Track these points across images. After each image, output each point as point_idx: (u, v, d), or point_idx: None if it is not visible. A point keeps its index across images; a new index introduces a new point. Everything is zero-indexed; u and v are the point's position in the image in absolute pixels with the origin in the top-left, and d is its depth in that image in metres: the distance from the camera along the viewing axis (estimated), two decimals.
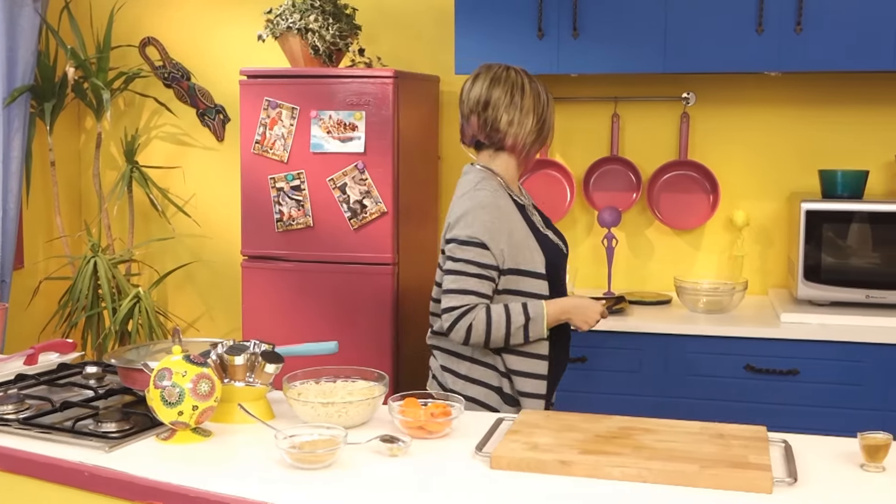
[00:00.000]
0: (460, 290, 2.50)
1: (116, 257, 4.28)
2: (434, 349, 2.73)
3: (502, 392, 2.60)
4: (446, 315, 2.51)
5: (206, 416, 2.08)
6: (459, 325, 2.48)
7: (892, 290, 3.35)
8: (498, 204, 2.57)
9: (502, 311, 2.49)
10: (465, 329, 2.48)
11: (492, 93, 2.65)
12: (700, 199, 3.86)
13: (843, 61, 3.34)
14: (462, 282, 2.51)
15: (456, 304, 2.50)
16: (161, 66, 4.39)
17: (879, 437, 1.90)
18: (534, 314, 2.50)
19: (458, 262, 2.52)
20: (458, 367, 2.62)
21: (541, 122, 2.66)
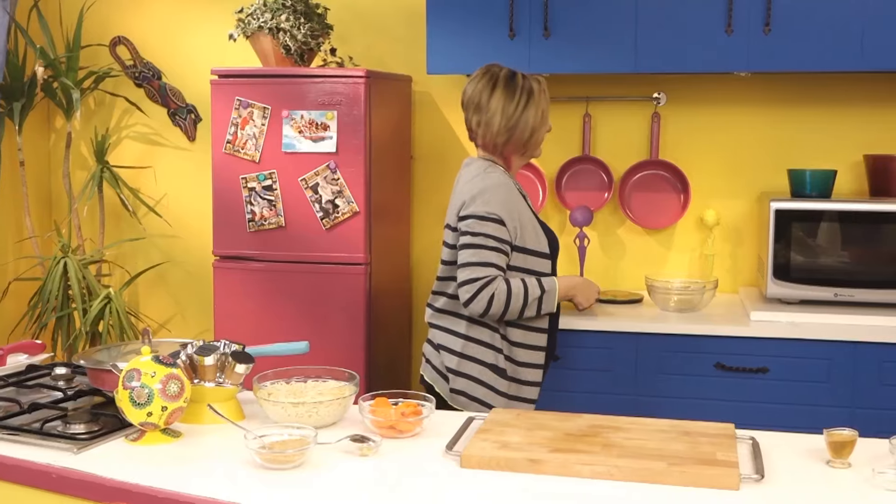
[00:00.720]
0: (481, 263, 2.65)
1: (87, 258, 4.25)
2: (433, 327, 2.86)
3: (497, 368, 2.73)
4: (466, 287, 2.65)
5: (175, 416, 2.07)
6: (481, 295, 2.63)
7: (860, 289, 3.38)
8: (509, 185, 2.77)
9: (520, 283, 2.67)
10: (486, 300, 2.63)
11: (466, 92, 2.84)
12: (671, 198, 3.88)
13: (811, 62, 3.37)
14: (482, 255, 2.66)
15: (477, 275, 2.65)
16: (132, 65, 4.37)
17: (845, 433, 1.92)
18: (548, 287, 2.70)
19: (478, 237, 2.67)
20: (455, 345, 2.76)
21: (511, 126, 2.70)
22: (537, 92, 2.80)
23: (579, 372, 3.39)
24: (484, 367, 2.74)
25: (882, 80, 3.67)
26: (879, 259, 3.39)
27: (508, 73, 2.83)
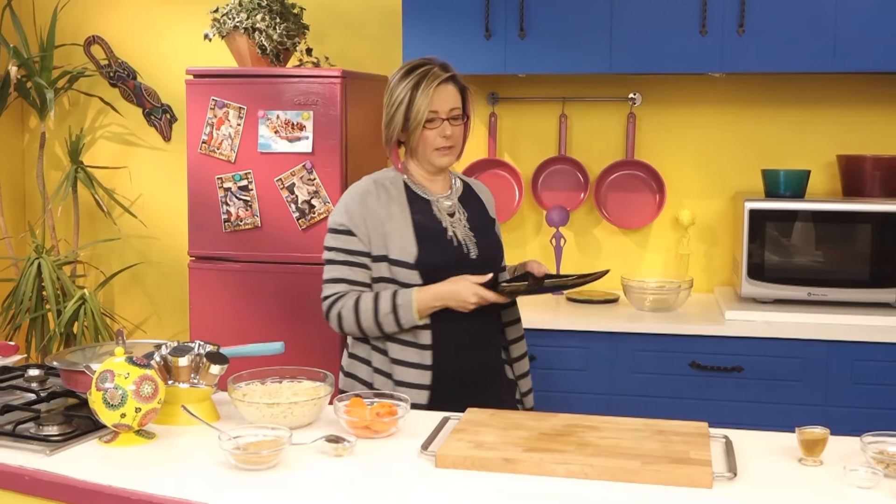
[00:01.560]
0: (331, 279, 2.52)
1: (61, 259, 4.22)
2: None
3: (371, 386, 2.53)
4: (322, 305, 2.53)
5: (149, 418, 2.06)
6: (330, 314, 2.51)
7: (833, 288, 3.41)
8: (369, 190, 2.55)
9: (370, 298, 2.46)
10: (335, 318, 2.50)
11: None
12: (646, 198, 3.90)
13: (784, 63, 3.39)
14: (332, 270, 2.52)
15: (326, 293, 2.52)
16: (106, 65, 4.34)
17: (817, 431, 1.93)
18: (402, 301, 2.44)
19: (329, 251, 2.54)
20: (343, 361, 2.65)
21: (387, 120, 2.61)
22: (424, 82, 2.51)
23: (555, 371, 3.40)
24: (362, 384, 2.55)
25: (855, 81, 3.71)
26: (852, 258, 3.42)
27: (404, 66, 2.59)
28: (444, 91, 2.52)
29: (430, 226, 2.54)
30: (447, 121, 2.53)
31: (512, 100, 3.96)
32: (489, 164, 4.00)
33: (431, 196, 2.60)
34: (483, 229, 2.65)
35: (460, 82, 2.59)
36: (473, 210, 2.66)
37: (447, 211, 2.60)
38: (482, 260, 2.58)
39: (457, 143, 2.58)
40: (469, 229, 2.60)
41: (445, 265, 2.51)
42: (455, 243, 2.55)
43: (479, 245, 2.59)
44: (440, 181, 2.64)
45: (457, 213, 2.61)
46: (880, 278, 3.38)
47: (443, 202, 2.61)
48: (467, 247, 2.57)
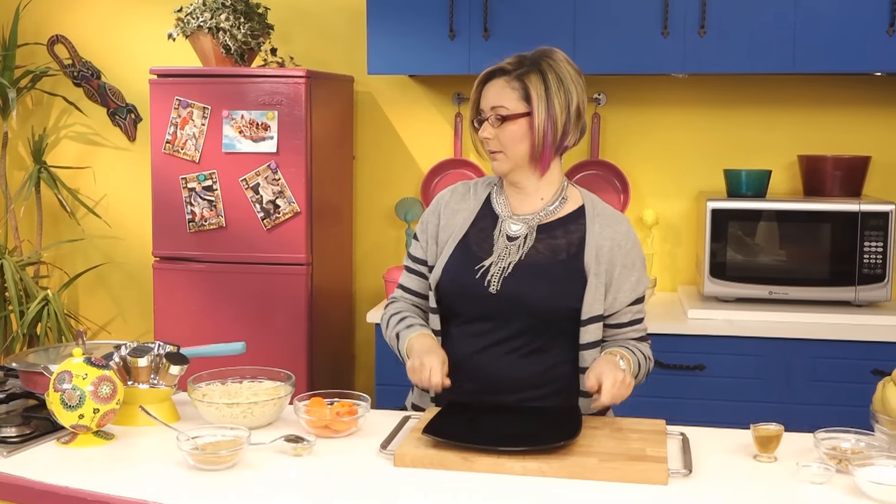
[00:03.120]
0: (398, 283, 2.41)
1: (24, 259, 4.19)
2: None
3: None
4: None
5: (107, 418, 2.05)
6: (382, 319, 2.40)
7: (793, 287, 3.45)
8: (444, 199, 2.34)
9: (397, 316, 2.32)
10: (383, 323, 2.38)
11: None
12: (611, 198, 3.92)
13: (745, 64, 3.43)
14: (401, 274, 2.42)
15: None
16: (70, 64, 4.31)
17: (771, 428, 1.96)
18: (402, 337, 2.26)
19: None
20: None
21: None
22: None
23: None
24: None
25: (814, 83, 3.75)
26: (813, 258, 3.46)
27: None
28: (491, 87, 2.23)
29: (473, 248, 2.25)
30: (488, 121, 2.21)
31: None
32: (455, 164, 4.01)
33: (505, 213, 2.28)
34: (545, 269, 2.21)
35: (518, 77, 2.19)
36: (548, 244, 2.23)
37: (510, 235, 2.24)
38: (502, 296, 2.19)
39: (504, 147, 2.20)
40: (518, 263, 2.21)
41: (455, 292, 2.25)
42: (479, 273, 2.22)
43: (509, 280, 2.19)
44: (530, 197, 2.27)
45: (519, 241, 2.23)
46: (840, 277, 3.42)
47: (510, 224, 2.25)
48: (491, 280, 2.20)
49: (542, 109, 2.15)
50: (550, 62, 2.19)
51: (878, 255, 3.38)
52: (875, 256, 3.38)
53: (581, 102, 2.21)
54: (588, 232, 2.23)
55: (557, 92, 2.16)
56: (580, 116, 2.22)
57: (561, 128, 2.17)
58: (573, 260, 2.21)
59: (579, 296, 2.18)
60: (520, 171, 2.23)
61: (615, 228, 2.24)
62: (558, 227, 2.24)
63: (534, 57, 2.21)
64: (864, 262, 3.39)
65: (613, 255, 2.22)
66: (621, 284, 2.23)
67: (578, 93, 2.20)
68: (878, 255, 3.38)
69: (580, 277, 2.19)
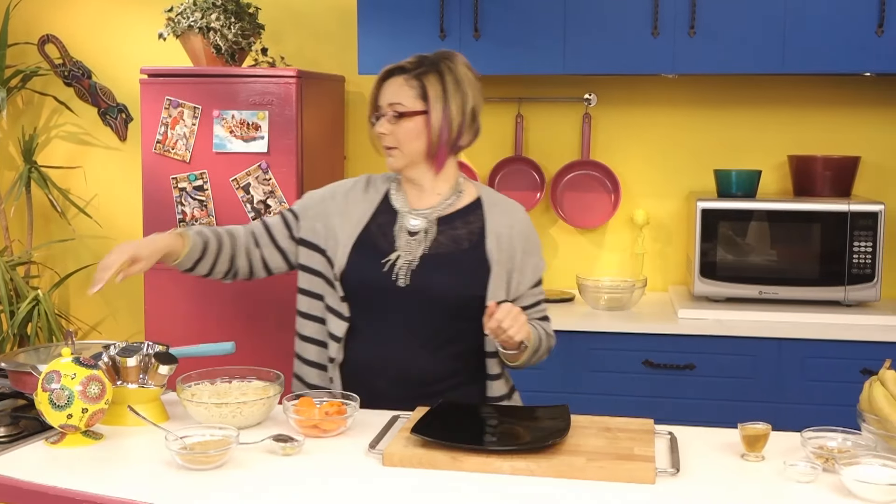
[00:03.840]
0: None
1: (14, 259, 4.18)
2: None
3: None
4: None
5: (96, 418, 2.05)
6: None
7: (783, 286, 3.46)
8: (346, 187, 2.43)
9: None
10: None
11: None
12: (602, 198, 3.93)
13: (735, 64, 3.44)
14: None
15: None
16: (61, 64, 4.31)
17: (759, 427, 1.96)
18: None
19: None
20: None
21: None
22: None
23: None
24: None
25: (804, 83, 3.76)
26: (803, 257, 3.47)
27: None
28: (390, 84, 2.32)
29: (376, 242, 2.34)
30: (385, 117, 2.30)
31: None
32: None
33: (403, 208, 2.37)
34: (450, 259, 2.30)
35: (417, 76, 2.28)
36: (450, 236, 2.33)
37: (410, 229, 2.34)
38: (412, 289, 2.28)
39: (399, 143, 2.29)
40: (424, 256, 2.30)
41: (364, 285, 2.32)
42: (387, 267, 2.30)
43: (417, 273, 2.29)
44: (427, 193, 2.36)
45: (421, 234, 2.33)
46: (830, 277, 3.43)
47: (410, 219, 2.35)
48: (398, 273, 2.29)
49: (439, 109, 2.25)
50: (449, 64, 2.29)
51: (867, 254, 3.39)
52: (864, 256, 3.40)
53: (476, 105, 2.31)
54: (487, 221, 2.33)
55: (455, 93, 2.26)
56: (475, 118, 2.32)
57: (457, 128, 2.28)
58: (476, 249, 2.31)
59: (484, 283, 2.29)
60: (414, 167, 2.32)
61: (512, 216, 2.36)
62: (457, 219, 2.34)
63: (434, 58, 2.30)
64: (853, 261, 3.40)
65: (513, 242, 2.33)
66: (524, 269, 2.34)
67: (474, 95, 2.30)
68: (868, 254, 3.39)
69: (484, 265, 2.30)
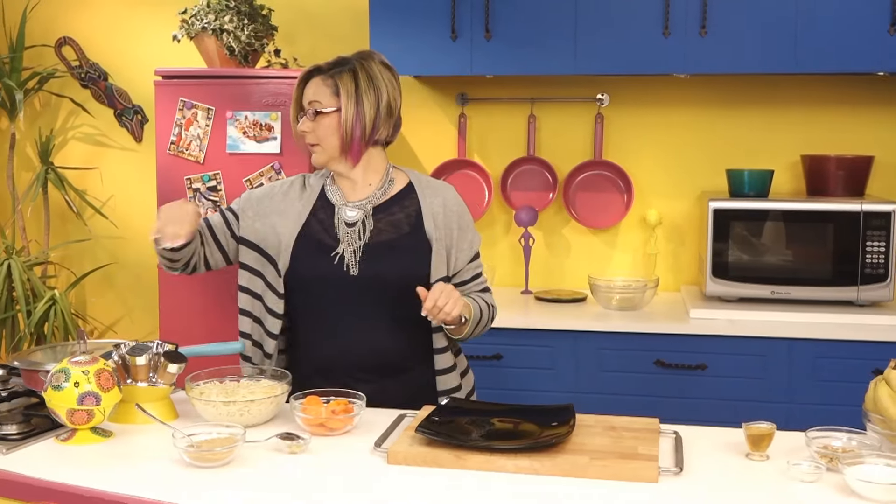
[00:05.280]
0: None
1: (31, 259, 4.22)
2: None
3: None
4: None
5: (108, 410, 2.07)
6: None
7: (796, 286, 3.45)
8: (277, 189, 2.50)
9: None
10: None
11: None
12: (614, 198, 3.93)
13: (746, 64, 3.43)
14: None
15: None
16: (77, 66, 4.35)
17: (763, 426, 1.96)
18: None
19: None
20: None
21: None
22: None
23: (520, 370, 3.43)
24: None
25: (817, 82, 3.75)
26: (815, 257, 3.46)
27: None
28: (310, 84, 2.42)
29: (319, 237, 2.41)
30: (306, 116, 2.40)
31: (481, 100, 3.99)
32: (458, 164, 4.02)
33: (340, 202, 2.44)
34: (392, 245, 2.40)
35: (331, 75, 2.38)
36: (389, 222, 2.43)
37: (347, 221, 2.42)
38: (363, 277, 2.36)
39: (319, 139, 2.38)
40: (367, 243, 2.39)
41: (317, 280, 2.40)
42: (337, 259, 2.38)
43: (364, 262, 2.37)
44: (358, 185, 2.45)
45: (359, 225, 2.41)
46: (842, 277, 3.41)
47: (346, 211, 2.43)
48: (349, 263, 2.38)
49: (351, 105, 2.34)
50: (363, 62, 2.38)
51: (880, 254, 3.38)
52: (878, 256, 3.38)
53: (392, 100, 2.39)
54: (422, 203, 2.44)
55: (367, 90, 2.35)
56: (391, 113, 2.40)
57: (370, 122, 2.36)
58: (416, 231, 2.41)
59: (427, 262, 2.40)
60: (336, 162, 2.42)
61: (444, 195, 2.47)
62: (393, 205, 2.44)
63: (350, 58, 2.41)
64: (866, 261, 3.39)
65: (449, 220, 2.44)
66: (461, 245, 2.45)
67: (390, 91, 2.38)
68: (881, 254, 3.38)
69: (426, 245, 2.41)
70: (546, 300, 3.72)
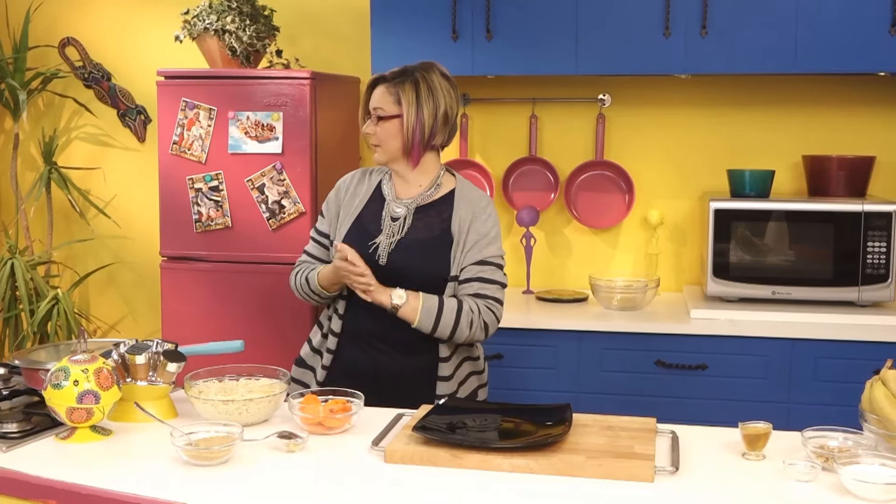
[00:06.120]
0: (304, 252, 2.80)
1: (35, 259, 4.24)
2: None
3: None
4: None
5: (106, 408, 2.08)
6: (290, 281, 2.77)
7: (797, 287, 3.44)
8: (345, 183, 2.74)
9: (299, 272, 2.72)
10: (291, 284, 2.76)
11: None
12: (616, 198, 3.94)
13: (747, 64, 3.43)
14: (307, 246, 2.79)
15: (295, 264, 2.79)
16: (81, 66, 4.36)
17: (759, 426, 1.97)
18: (310, 278, 2.66)
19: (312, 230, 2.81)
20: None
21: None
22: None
23: (522, 370, 3.43)
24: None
25: (818, 83, 3.75)
26: (816, 258, 3.45)
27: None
28: (376, 91, 2.63)
29: (367, 226, 2.64)
30: (371, 119, 2.62)
31: (483, 101, 3.99)
32: (461, 164, 4.02)
33: (390, 197, 2.66)
34: (421, 244, 2.59)
35: (395, 85, 2.59)
36: (425, 223, 2.62)
37: (393, 216, 2.63)
38: (390, 268, 2.57)
39: (381, 141, 2.59)
40: (401, 240, 2.59)
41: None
42: (372, 248, 2.59)
43: (393, 254, 2.58)
44: (410, 184, 2.66)
45: (401, 221, 2.61)
46: (843, 277, 3.41)
47: (394, 207, 2.64)
48: (380, 254, 2.59)
49: (412, 113, 2.55)
50: (424, 74, 2.59)
51: (881, 255, 3.38)
52: (879, 256, 3.38)
53: (449, 109, 2.59)
54: (455, 210, 2.62)
55: (427, 100, 2.55)
56: (447, 121, 2.60)
57: (429, 129, 2.57)
58: (444, 234, 2.60)
59: (448, 264, 2.59)
60: (395, 162, 2.63)
61: (476, 205, 2.64)
62: (432, 209, 2.64)
63: (413, 68, 2.61)
64: (867, 262, 3.38)
65: (471, 225, 2.61)
66: (469, 245, 2.60)
67: (447, 101, 2.58)
68: (882, 255, 3.38)
69: (449, 249, 2.59)
70: (547, 300, 3.72)
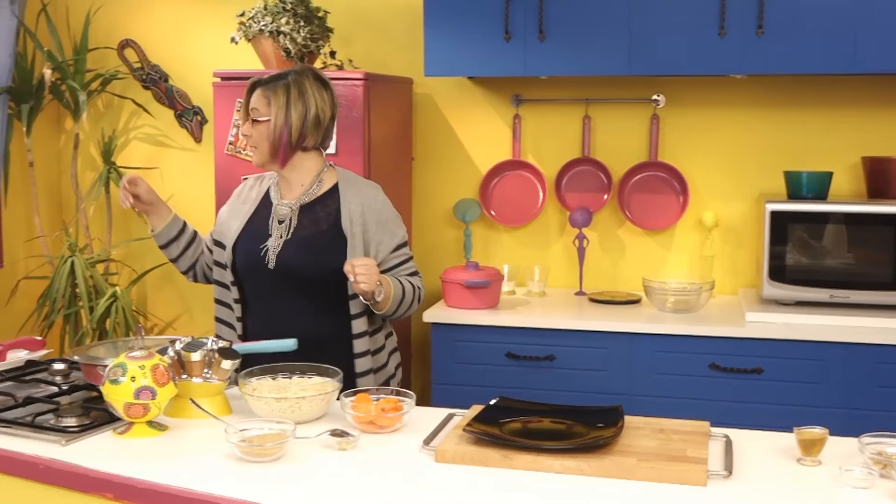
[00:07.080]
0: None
1: (94, 257, 4.32)
2: None
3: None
4: None
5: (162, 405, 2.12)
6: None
7: (855, 290, 3.39)
8: (238, 189, 2.88)
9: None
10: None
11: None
12: (670, 199, 3.90)
13: (804, 64, 3.38)
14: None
15: None
16: (139, 67, 4.43)
17: (815, 431, 1.94)
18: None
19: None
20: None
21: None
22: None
23: (574, 371, 3.42)
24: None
25: (878, 83, 3.68)
26: (875, 261, 3.39)
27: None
28: (254, 94, 2.69)
29: (256, 232, 2.71)
30: (248, 121, 2.69)
31: (535, 101, 3.99)
32: (513, 165, 4.02)
33: (276, 200, 2.73)
34: (309, 240, 2.65)
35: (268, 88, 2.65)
36: (311, 220, 2.68)
37: (279, 218, 2.70)
38: (278, 270, 2.64)
39: (256, 143, 2.66)
40: (287, 240, 2.66)
41: (247, 270, 2.71)
42: (263, 252, 2.67)
43: (281, 255, 2.64)
44: (293, 185, 2.73)
45: (287, 222, 2.68)
46: None
47: (280, 209, 2.71)
48: (268, 256, 2.66)
49: (281, 116, 2.61)
50: (297, 78, 2.65)
51: None
52: None
53: (321, 112, 2.64)
54: (342, 201, 2.67)
55: (296, 103, 2.61)
56: (319, 123, 2.65)
57: (297, 132, 2.62)
58: (333, 227, 2.65)
59: (343, 255, 2.60)
60: (269, 163, 2.69)
61: (364, 193, 2.70)
62: (317, 205, 2.69)
63: (287, 72, 2.68)
64: None
65: (366, 216, 2.66)
66: (381, 237, 2.67)
67: (319, 104, 2.64)
68: None
69: (341, 240, 2.63)
70: (600, 302, 3.70)
